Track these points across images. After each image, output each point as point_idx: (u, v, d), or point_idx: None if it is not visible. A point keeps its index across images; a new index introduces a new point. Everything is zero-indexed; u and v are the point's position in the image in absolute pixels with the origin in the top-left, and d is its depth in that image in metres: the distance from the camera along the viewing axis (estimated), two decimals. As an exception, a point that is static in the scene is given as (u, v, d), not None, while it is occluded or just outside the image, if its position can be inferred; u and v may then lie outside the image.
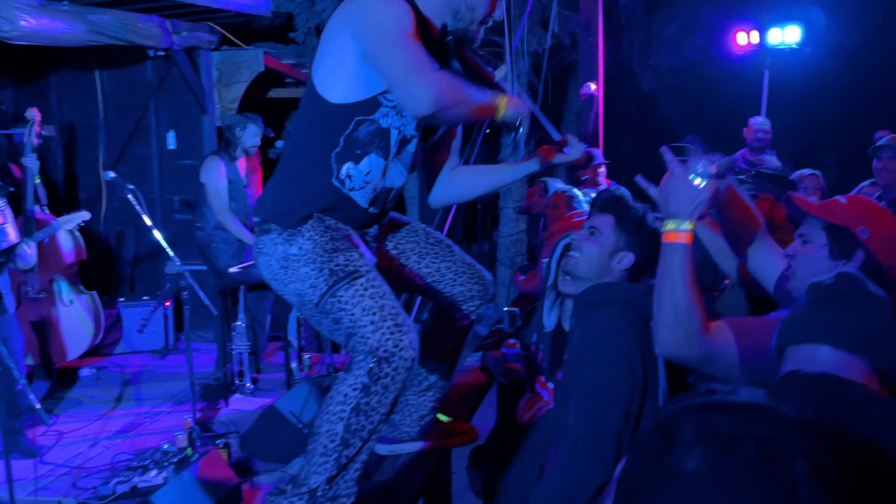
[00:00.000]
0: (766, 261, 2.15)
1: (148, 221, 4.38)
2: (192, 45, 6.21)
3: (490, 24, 2.29)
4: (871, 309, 1.48)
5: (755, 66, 8.13)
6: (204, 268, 5.51)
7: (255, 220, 2.35)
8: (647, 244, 2.17)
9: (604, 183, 6.07)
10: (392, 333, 2.11)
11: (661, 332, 1.76)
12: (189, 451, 3.87)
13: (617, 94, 9.53)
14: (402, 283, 2.61)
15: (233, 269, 4.97)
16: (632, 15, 8.36)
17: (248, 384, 5.20)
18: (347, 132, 2.19)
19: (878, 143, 4.39)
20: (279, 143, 4.98)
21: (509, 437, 2.97)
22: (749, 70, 8.41)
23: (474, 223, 10.61)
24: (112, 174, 4.64)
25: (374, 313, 2.12)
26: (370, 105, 2.18)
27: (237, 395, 5.13)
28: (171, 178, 6.98)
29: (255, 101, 7.94)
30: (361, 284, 2.16)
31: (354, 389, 2.11)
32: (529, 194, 5.97)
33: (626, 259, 2.17)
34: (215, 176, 5.25)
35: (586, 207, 4.54)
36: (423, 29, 2.16)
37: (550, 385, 2.54)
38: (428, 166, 2.60)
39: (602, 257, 2.20)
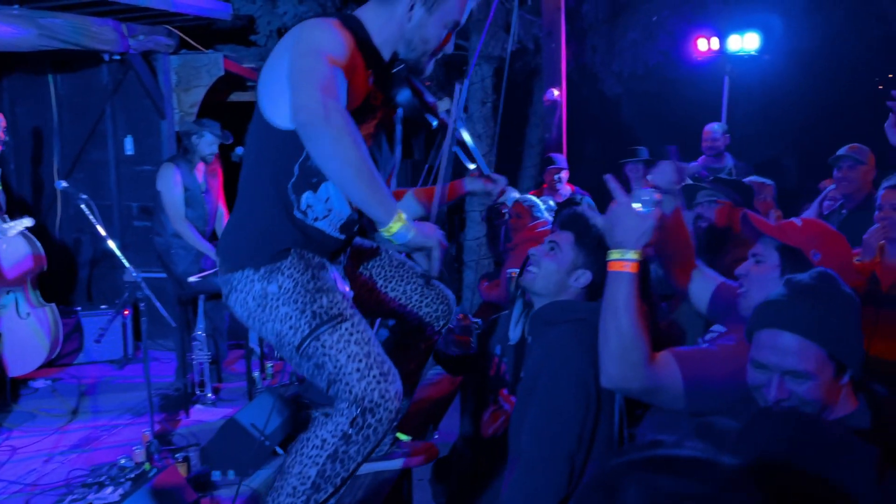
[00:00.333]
0: (699, 282, 2.23)
1: (102, 232, 4.28)
2: (149, 48, 6.09)
3: (440, 56, 2.25)
4: (837, 304, 1.55)
5: (716, 72, 8.24)
6: (164, 275, 5.40)
7: (226, 256, 2.22)
8: (605, 263, 2.15)
9: (566, 188, 6.10)
10: (378, 383, 2.05)
11: (607, 364, 1.75)
12: (147, 465, 3.79)
13: (581, 98, 9.60)
14: (372, 309, 2.57)
15: (192, 279, 4.88)
16: (594, 21, 8.41)
17: (209, 394, 5.12)
18: (301, 159, 2.10)
19: (837, 153, 4.45)
20: (239, 150, 4.89)
21: (472, 450, 2.95)
22: (710, 76, 8.52)
23: (440, 226, 10.57)
24: (64, 184, 4.53)
25: (360, 360, 2.05)
26: None
27: (198, 406, 5.05)
28: (129, 184, 6.83)
29: (216, 106, 7.82)
30: (347, 329, 2.09)
31: (334, 437, 2.05)
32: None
33: (584, 277, 2.15)
34: (170, 184, 5.15)
35: (548, 216, 4.55)
36: (372, 57, 2.12)
37: (514, 398, 2.53)
38: None
39: (560, 274, 2.18)
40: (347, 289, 2.26)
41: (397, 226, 1.95)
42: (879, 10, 7.90)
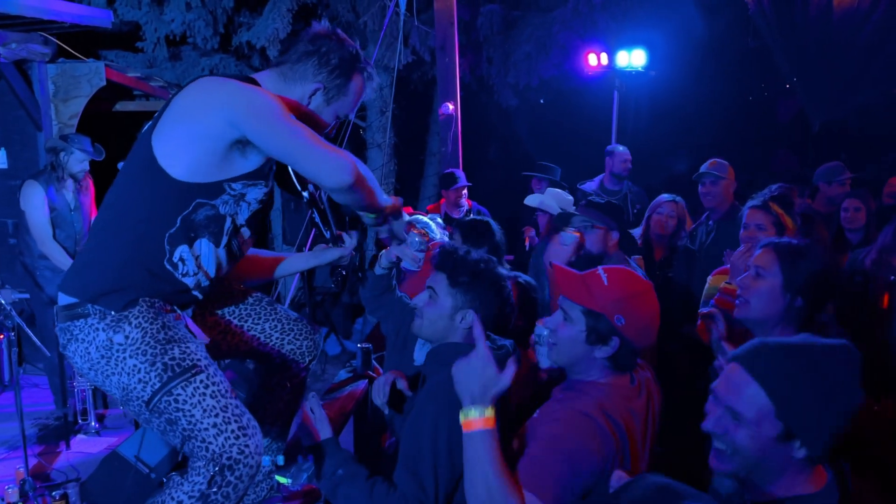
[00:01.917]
0: None
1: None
2: (22, 57, 5.74)
3: (343, 118, 2.33)
4: (818, 377, 1.44)
5: (606, 86, 8.52)
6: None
7: (67, 301, 2.08)
8: (486, 298, 2.15)
9: (465, 204, 6.14)
10: (237, 438, 1.98)
11: None
12: (20, 506, 3.56)
13: (479, 107, 9.74)
14: (226, 352, 2.49)
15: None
16: (489, 33, 8.53)
17: (92, 423, 4.87)
18: (186, 213, 2.07)
19: (700, 171, 4.67)
20: (121, 165, 4.66)
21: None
22: (601, 90, 8.80)
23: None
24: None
25: (216, 415, 1.98)
26: (214, 189, 2.08)
27: (81, 436, 4.80)
28: (3, 199, 6.40)
29: (100, 116, 7.47)
30: (202, 381, 2.01)
31: (191, 497, 1.97)
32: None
33: (468, 316, 2.14)
34: (35, 204, 4.83)
35: (441, 234, 4.56)
36: None
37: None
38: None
39: (444, 319, 2.16)
40: (201, 335, 2.18)
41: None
42: (754, 25, 8.38)
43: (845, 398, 1.44)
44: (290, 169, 2.25)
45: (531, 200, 5.12)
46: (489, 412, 1.74)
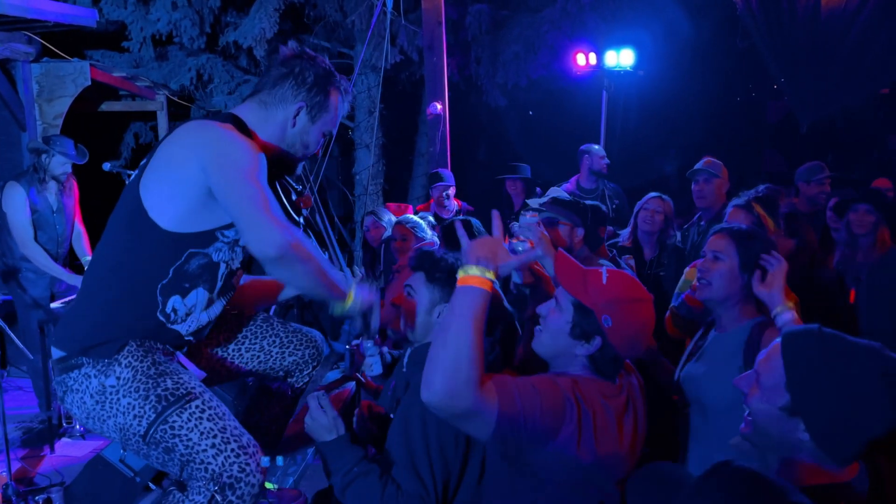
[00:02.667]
0: None
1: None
2: (5, 56, 5.69)
3: (328, 135, 2.34)
4: (838, 377, 1.48)
5: (595, 86, 8.51)
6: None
7: (60, 355, 2.09)
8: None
9: (453, 204, 6.12)
10: (238, 456, 1.96)
11: (434, 376, 1.65)
12: (2, 511, 3.52)
13: (468, 108, 9.72)
14: (226, 377, 2.47)
15: (55, 305, 4.58)
16: (478, 32, 8.50)
17: (77, 426, 4.81)
18: (178, 264, 2.06)
19: (695, 168, 4.67)
20: (106, 166, 4.62)
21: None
22: (590, 89, 8.80)
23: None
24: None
25: (214, 436, 1.96)
26: (206, 238, 2.07)
27: (65, 440, 4.75)
28: (-13, 201, 6.35)
29: (86, 116, 7.41)
30: (197, 407, 2.00)
31: None
32: (364, 227, 5.97)
33: (444, 312, 2.16)
34: (16, 206, 4.77)
35: (431, 234, 4.55)
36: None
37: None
38: None
39: (422, 315, 2.20)
40: (195, 370, 2.17)
41: (348, 303, 2.18)
42: (742, 26, 8.40)
43: (863, 399, 1.46)
44: (283, 197, 2.25)
45: (534, 202, 5.11)
46: (489, 275, 1.73)
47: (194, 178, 2.00)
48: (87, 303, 2.14)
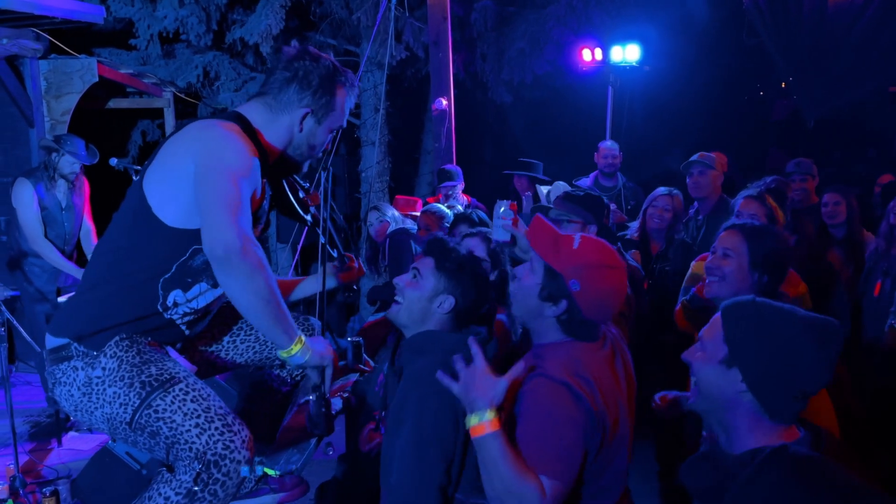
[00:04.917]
0: None
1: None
2: (13, 53, 5.72)
3: (336, 130, 2.34)
4: (780, 332, 1.58)
5: (601, 81, 8.49)
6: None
7: (53, 343, 2.10)
8: (467, 287, 2.15)
9: (462, 199, 6.11)
10: (221, 434, 1.97)
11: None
12: (10, 502, 3.55)
13: (475, 104, 9.71)
14: (222, 368, 2.49)
15: (62, 299, 4.61)
16: (483, 29, 8.49)
17: (84, 420, 4.85)
18: (182, 259, 2.08)
19: (689, 160, 4.67)
20: (113, 161, 4.64)
21: (354, 470, 2.91)
22: (595, 85, 8.77)
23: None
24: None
25: (198, 416, 1.98)
26: None
27: (72, 433, 4.78)
28: (-4, 197, 6.39)
29: (93, 113, 7.44)
30: (181, 389, 2.01)
31: (177, 494, 1.96)
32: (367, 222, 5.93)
33: (447, 302, 2.14)
34: (25, 202, 4.84)
35: (456, 209, 4.54)
36: (262, 160, 2.13)
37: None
38: None
39: (422, 301, 2.15)
40: (185, 363, 2.19)
41: (297, 348, 2.03)
42: (749, 22, 8.37)
43: (793, 348, 1.56)
44: (290, 196, 2.27)
45: (543, 190, 5.16)
46: (489, 415, 1.76)
47: (189, 173, 2.01)
48: (87, 294, 2.15)
